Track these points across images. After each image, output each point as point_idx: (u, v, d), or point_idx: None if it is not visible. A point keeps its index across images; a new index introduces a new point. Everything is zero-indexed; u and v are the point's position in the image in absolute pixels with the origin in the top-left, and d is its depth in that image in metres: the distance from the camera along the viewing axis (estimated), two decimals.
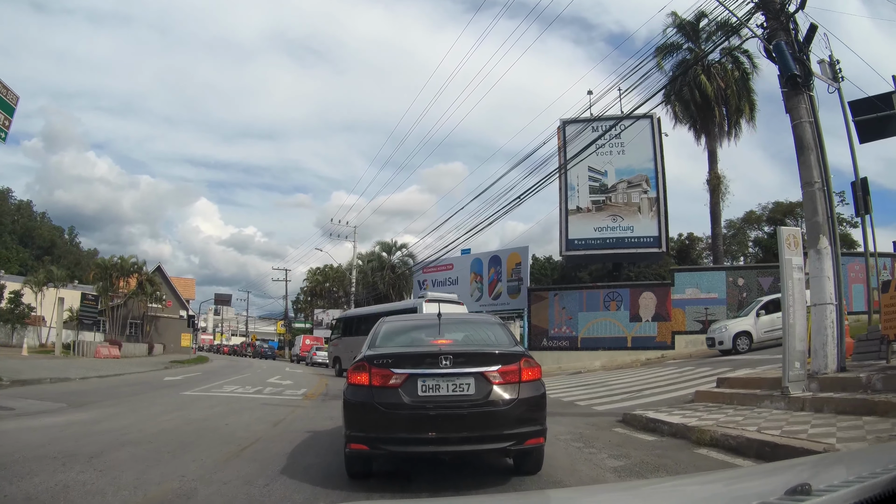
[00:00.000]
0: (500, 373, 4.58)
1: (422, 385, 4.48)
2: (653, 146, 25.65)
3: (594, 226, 24.55)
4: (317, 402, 11.99)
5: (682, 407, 9.44)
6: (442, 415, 4.41)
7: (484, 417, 4.47)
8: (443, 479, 4.95)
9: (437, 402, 4.45)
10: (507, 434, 4.49)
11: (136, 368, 21.64)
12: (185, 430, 7.89)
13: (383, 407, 4.43)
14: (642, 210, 25.02)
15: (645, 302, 23.90)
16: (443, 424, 4.41)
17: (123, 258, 40.14)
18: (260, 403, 11.50)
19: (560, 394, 13.37)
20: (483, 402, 4.48)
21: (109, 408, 10.30)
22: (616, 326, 23.57)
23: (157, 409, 10.33)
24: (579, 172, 25.04)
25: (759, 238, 41.51)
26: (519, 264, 29.46)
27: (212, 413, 9.85)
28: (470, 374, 4.53)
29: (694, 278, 24.26)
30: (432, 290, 33.50)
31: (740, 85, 27.77)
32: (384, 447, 4.50)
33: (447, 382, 4.50)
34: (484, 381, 4.53)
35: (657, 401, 10.67)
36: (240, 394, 13.40)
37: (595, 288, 24.13)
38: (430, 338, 5.37)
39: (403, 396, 4.44)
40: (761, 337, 17.89)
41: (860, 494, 1.31)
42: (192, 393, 13.36)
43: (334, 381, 18.63)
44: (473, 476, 5.05)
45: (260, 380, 17.93)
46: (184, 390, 13.95)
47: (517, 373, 4.64)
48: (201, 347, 57.75)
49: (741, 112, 28.13)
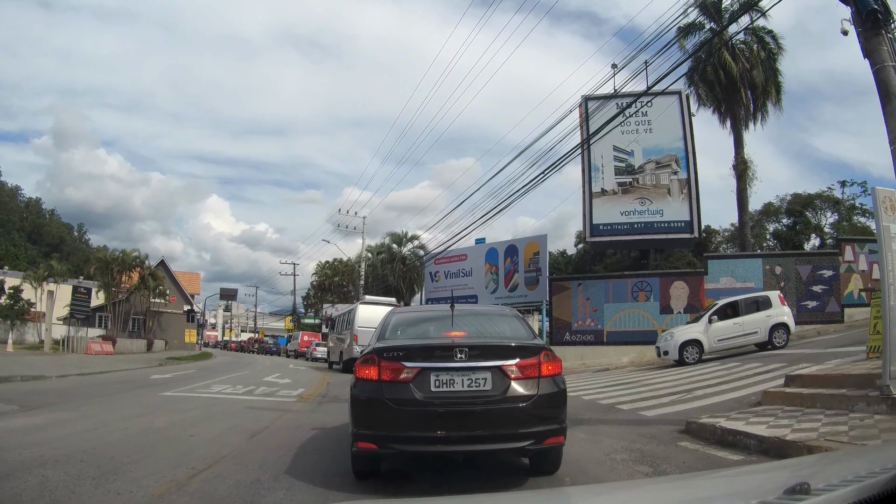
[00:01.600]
0: (519, 367, 4.30)
1: (435, 380, 4.20)
2: (682, 124, 23.67)
3: (621, 209, 22.59)
4: (311, 406, 10.27)
5: (754, 412, 7.65)
6: (456, 412, 4.15)
7: (501, 415, 4.20)
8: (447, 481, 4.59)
9: (452, 399, 4.18)
10: (526, 433, 4.23)
11: (126, 365, 20.14)
12: (135, 444, 6.24)
13: (393, 403, 4.14)
14: (672, 192, 23.04)
15: (676, 292, 21.97)
16: (457, 422, 4.14)
17: (125, 252, 38.87)
18: (244, 407, 9.82)
19: (595, 394, 11.58)
20: (500, 398, 4.21)
21: (65, 412, 8.72)
22: (645, 319, 21.66)
23: (119, 413, 8.68)
24: (603, 152, 23.11)
25: (779, 231, 40.03)
26: (537, 254, 27.62)
27: (182, 419, 8.17)
28: (487, 368, 4.25)
29: (729, 266, 22.29)
30: (444, 281, 32.05)
31: (766, 65, 26.23)
32: (394, 446, 4.18)
33: (462, 377, 4.22)
34: (501, 376, 4.25)
35: (715, 404, 9.00)
36: (226, 394, 11.74)
37: (622, 277, 22.19)
38: (442, 330, 5.04)
39: (415, 392, 4.16)
40: (714, 346, 16.18)
41: (859, 494, 1.31)
42: (173, 393, 11.73)
43: (338, 379, 16.97)
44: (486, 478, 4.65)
45: (256, 378, 16.29)
46: (166, 390, 12.32)
47: (537, 367, 4.34)
48: (206, 343, 56.81)
49: (768, 94, 26.51)
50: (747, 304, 16.44)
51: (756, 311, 16.10)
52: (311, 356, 36.14)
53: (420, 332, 5.26)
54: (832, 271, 21.19)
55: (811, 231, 38.71)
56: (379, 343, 4.68)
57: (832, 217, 39.28)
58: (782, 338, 15.80)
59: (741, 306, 16.40)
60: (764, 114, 27.01)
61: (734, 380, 11.72)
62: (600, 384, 13.59)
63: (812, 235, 38.39)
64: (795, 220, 39.22)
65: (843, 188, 39.13)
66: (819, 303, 21.11)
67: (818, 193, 39.39)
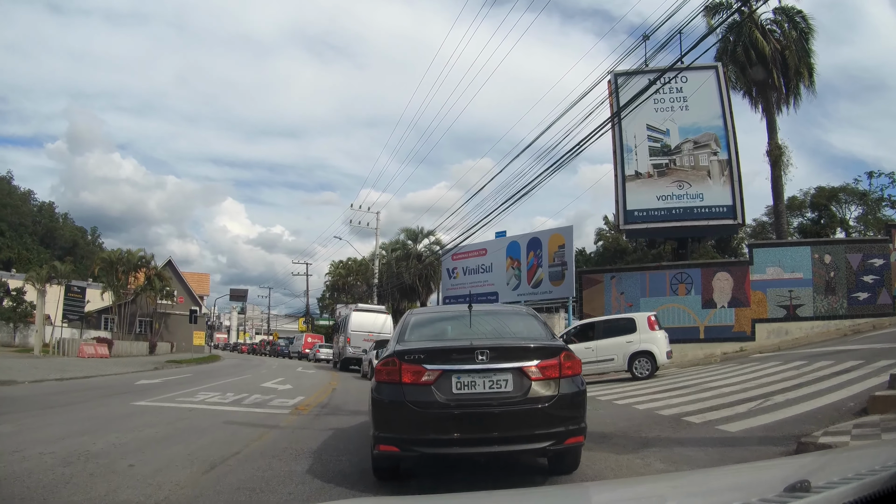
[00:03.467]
0: (540, 368, 4.26)
1: (456, 382, 4.16)
2: (720, 100, 21.47)
3: (657, 194, 20.40)
4: (305, 420, 8.39)
5: (872, 425, 5.78)
6: (478, 413, 4.11)
7: (523, 416, 4.15)
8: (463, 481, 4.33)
9: (473, 400, 4.14)
10: (548, 433, 4.17)
11: (117, 369, 18.54)
12: (39, 480, 4.47)
13: (415, 406, 4.10)
14: (712, 174, 20.84)
15: (720, 284, 19.77)
16: (479, 424, 4.11)
17: (130, 251, 37.47)
18: (222, 421, 7.98)
19: (649, 403, 9.57)
20: (521, 399, 4.18)
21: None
22: (686, 314, 19.49)
23: (58, 430, 6.90)
24: (636, 131, 20.98)
25: (804, 225, 37.96)
26: (562, 247, 25.51)
27: (132, 440, 6.36)
28: (507, 369, 4.22)
29: (776, 255, 20.02)
30: (463, 278, 30.10)
31: (798, 45, 24.45)
32: (416, 449, 4.13)
33: (483, 379, 4.19)
34: (522, 377, 4.23)
35: (808, 413, 7.21)
36: (209, 404, 9.91)
37: (660, 268, 20.01)
38: (462, 330, 4.92)
39: (437, 394, 4.12)
40: None
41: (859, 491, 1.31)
42: (147, 403, 9.94)
43: (344, 385, 15.17)
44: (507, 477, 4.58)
45: (254, 383, 14.51)
46: (142, 398, 10.54)
47: (557, 367, 4.30)
48: (217, 346, 55.66)
49: (800, 76, 24.70)
50: (608, 327, 14.95)
51: (618, 335, 14.35)
52: (313, 357, 36.21)
53: (438, 334, 5.14)
54: (883, 259, 19.03)
55: (836, 225, 37.09)
56: (399, 346, 4.56)
57: (856, 210, 38.07)
58: (644, 368, 13.91)
59: (599, 329, 14.97)
60: (797, 97, 25.41)
61: (810, 381, 9.75)
62: (649, 389, 11.58)
63: (838, 230, 36.52)
64: (820, 213, 37.80)
65: (870, 179, 37.40)
66: (870, 294, 18.99)
67: (842, 186, 38.12)
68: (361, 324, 25.53)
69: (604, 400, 10.32)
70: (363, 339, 23.94)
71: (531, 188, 17.08)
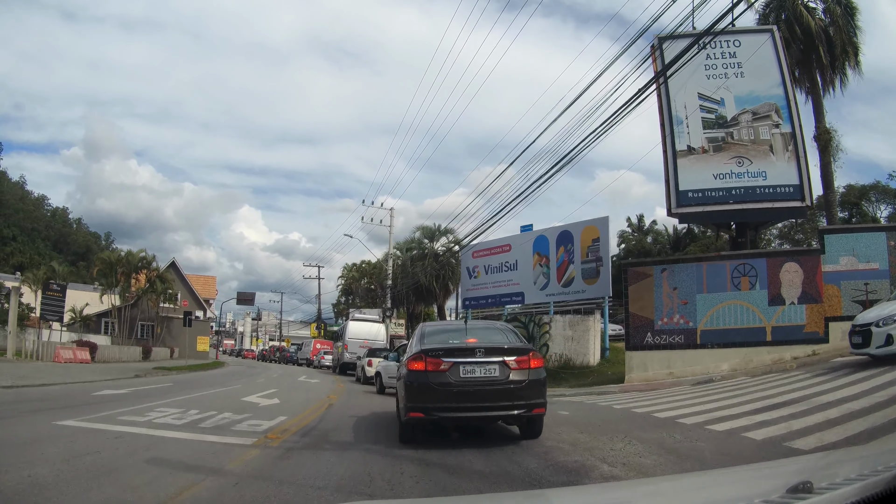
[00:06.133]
0: (517, 361, 6.32)
1: (463, 369, 6.20)
2: (778, 67, 18.53)
3: (713, 172, 17.45)
4: (265, 460, 5.59)
5: None
6: (477, 390, 6.17)
7: (505, 392, 6.21)
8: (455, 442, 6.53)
9: (473, 382, 6.19)
10: (521, 404, 6.25)
11: (89, 376, 16.16)
12: None
13: (436, 385, 6.14)
14: (775, 150, 17.87)
15: (788, 277, 16.73)
16: (477, 397, 6.18)
17: (131, 252, 35.46)
18: (146, 459, 5.38)
19: (737, 422, 6.81)
20: (504, 381, 6.22)
21: None
22: (751, 313, 16.48)
23: None
24: (687, 100, 18.09)
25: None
26: (596, 241, 22.68)
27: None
28: (496, 362, 6.25)
29: (850, 242, 16.91)
30: (485, 277, 27.40)
31: (844, 21, 21.99)
32: (436, 414, 6.15)
33: (480, 367, 6.23)
34: (505, 367, 6.25)
35: None
36: (153, 427, 7.29)
37: (719, 259, 17.01)
38: (460, 337, 6.96)
39: (450, 377, 6.15)
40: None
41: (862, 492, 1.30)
42: (75, 423, 7.37)
43: (345, 400, 12.62)
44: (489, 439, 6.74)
45: (233, 397, 11.88)
46: (77, 416, 7.93)
47: (528, 361, 6.36)
48: (225, 351, 53.59)
49: (846, 55, 22.16)
50: None
51: None
52: (318, 363, 36.63)
53: (445, 339, 7.04)
54: None
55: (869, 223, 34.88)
56: (423, 346, 6.58)
57: (886, 210, 36.71)
58: None
59: None
60: (843, 78, 22.69)
61: None
62: (726, 401, 8.81)
63: None
64: (850, 212, 36.25)
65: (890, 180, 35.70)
66: None
67: (873, 184, 36.69)
68: (358, 332, 27.96)
69: None
70: (359, 345, 25.49)
71: (562, 166, 14.42)
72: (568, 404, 11.35)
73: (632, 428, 7.28)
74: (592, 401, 12.11)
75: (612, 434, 6.91)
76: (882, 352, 11.08)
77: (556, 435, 6.97)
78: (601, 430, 7.39)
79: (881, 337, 11.04)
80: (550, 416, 9.18)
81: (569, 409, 10.19)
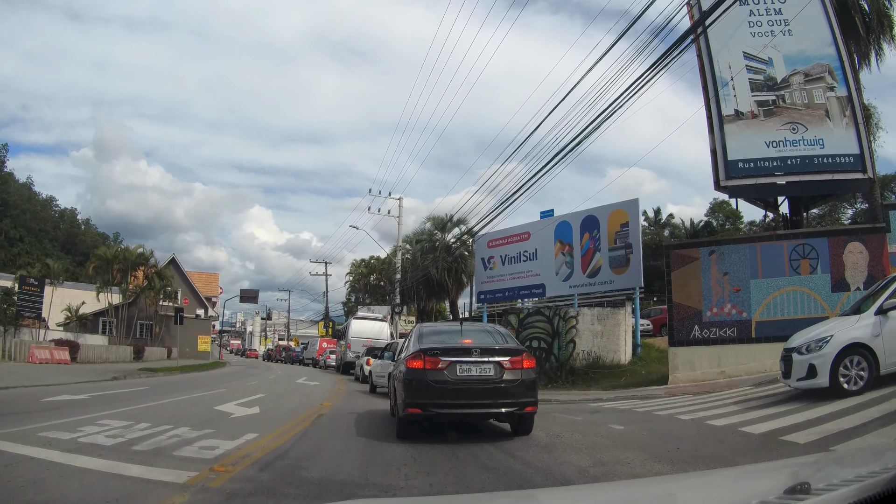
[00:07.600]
0: (511, 361, 6.63)
1: (459, 368, 6.50)
2: (828, 24, 16.30)
3: (765, 139, 15.23)
4: None
5: None
6: (473, 388, 6.52)
7: (499, 390, 6.53)
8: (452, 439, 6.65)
9: (469, 380, 6.51)
10: (514, 402, 6.54)
11: (57, 378, 14.40)
12: None
13: (434, 383, 6.43)
14: (832, 115, 15.63)
15: (852, 259, 14.49)
16: (472, 394, 6.52)
17: (128, 248, 33.77)
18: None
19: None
20: (498, 380, 6.53)
21: None
22: (812, 300, 14.26)
23: None
24: (731, 61, 15.90)
25: (859, 213, 33.76)
26: (625, 225, 20.53)
27: None
28: (490, 361, 6.57)
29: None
30: (501, 268, 25.30)
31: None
32: (433, 410, 6.45)
33: (476, 367, 6.54)
34: (499, 367, 6.57)
35: None
36: (70, 451, 5.31)
37: (775, 239, 14.79)
38: (455, 338, 7.22)
39: (447, 375, 6.45)
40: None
41: (859, 493, 1.28)
42: None
43: (341, 409, 10.65)
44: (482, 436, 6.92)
45: (205, 405, 9.88)
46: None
47: (520, 361, 6.68)
48: (232, 351, 52.14)
49: (882, 28, 19.77)
50: None
51: None
52: (323, 363, 35.89)
53: (442, 340, 7.27)
54: None
55: None
56: (421, 345, 6.87)
57: None
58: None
59: None
60: (879, 52, 20.21)
61: None
62: (820, 410, 6.66)
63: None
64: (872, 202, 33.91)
65: None
66: None
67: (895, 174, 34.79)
68: (361, 330, 27.41)
69: None
70: (362, 344, 24.57)
71: (587, 135, 12.38)
72: (616, 413, 9.31)
73: (732, 454, 5.21)
74: (643, 408, 10.02)
75: (711, 467, 4.83)
76: (804, 385, 8.57)
77: (627, 468, 4.91)
78: (687, 461, 5.31)
79: (802, 367, 8.47)
80: (603, 433, 7.14)
81: (621, 421, 8.13)
